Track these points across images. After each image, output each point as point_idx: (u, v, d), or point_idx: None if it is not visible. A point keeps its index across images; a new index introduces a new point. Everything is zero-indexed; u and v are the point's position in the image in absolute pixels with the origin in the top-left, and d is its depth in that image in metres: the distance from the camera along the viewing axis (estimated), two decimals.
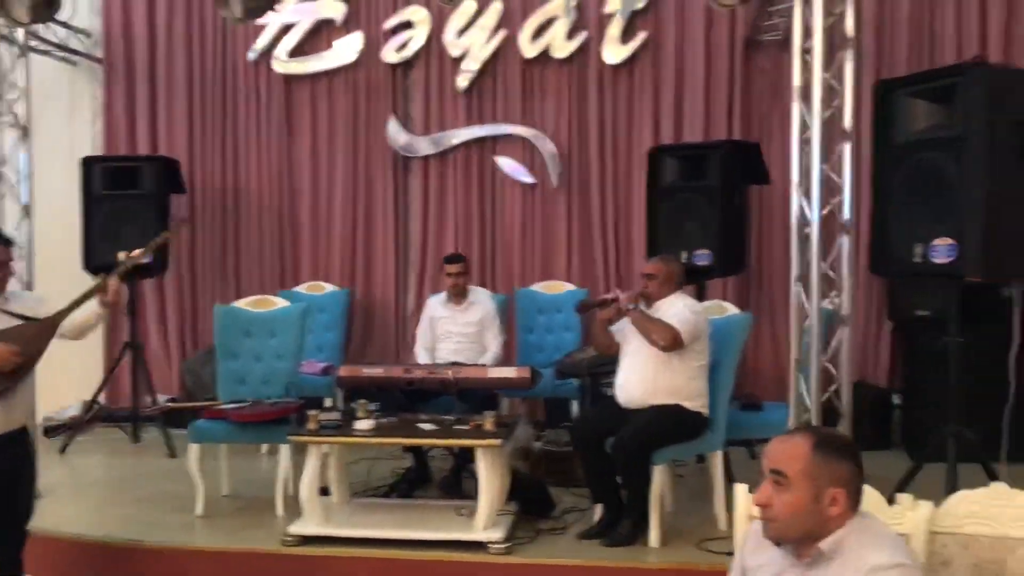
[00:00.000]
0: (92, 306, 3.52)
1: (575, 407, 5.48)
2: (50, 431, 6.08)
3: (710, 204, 5.26)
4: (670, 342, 3.93)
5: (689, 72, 6.09)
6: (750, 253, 5.83)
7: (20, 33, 5.33)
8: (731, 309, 4.54)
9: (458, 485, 4.67)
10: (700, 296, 5.36)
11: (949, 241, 3.58)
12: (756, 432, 4.73)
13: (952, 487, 3.52)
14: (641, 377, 4.05)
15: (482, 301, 5.44)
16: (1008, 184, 3.56)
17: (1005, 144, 3.53)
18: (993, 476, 3.68)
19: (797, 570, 1.94)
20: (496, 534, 3.87)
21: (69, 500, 4.83)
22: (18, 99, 5.36)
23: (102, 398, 6.20)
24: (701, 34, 6.05)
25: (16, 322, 3.37)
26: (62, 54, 6.47)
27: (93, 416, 6.15)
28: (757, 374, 6.02)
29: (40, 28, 5.90)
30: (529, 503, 4.32)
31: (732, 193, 5.30)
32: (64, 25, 6.20)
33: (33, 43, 5.80)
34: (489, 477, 3.90)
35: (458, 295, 5.35)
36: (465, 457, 4.57)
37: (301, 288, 6.34)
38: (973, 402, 4.05)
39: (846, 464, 1.88)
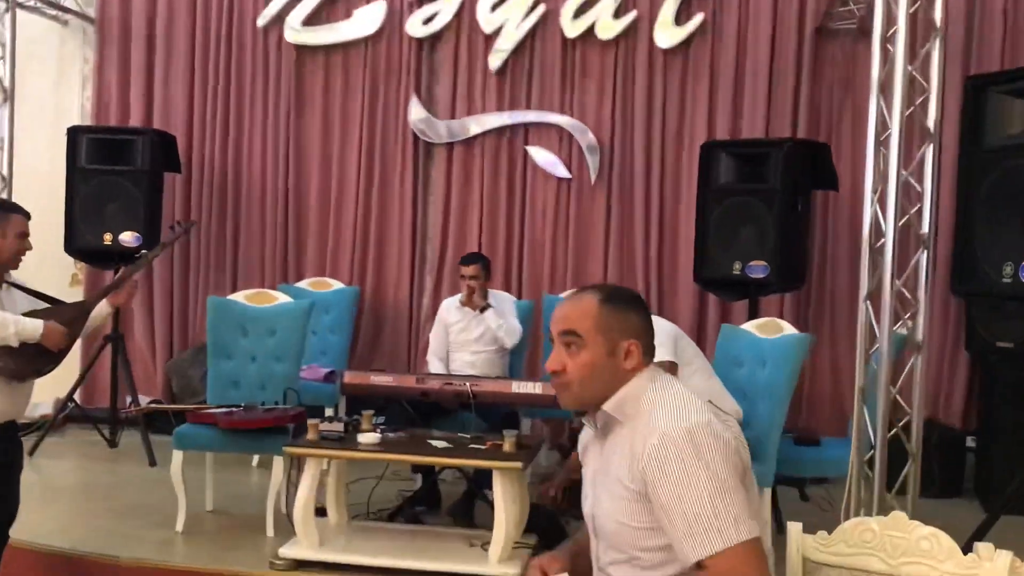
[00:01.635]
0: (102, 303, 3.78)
1: None
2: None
3: (769, 209, 5.25)
4: None
5: (750, 60, 6.05)
6: (811, 267, 5.80)
7: None
8: (788, 328, 4.50)
9: (470, 512, 4.65)
10: (753, 314, 5.33)
11: None
12: (811, 470, 4.70)
13: None
14: None
15: (502, 306, 5.42)
16: None
17: None
18: None
19: (597, 445, 2.04)
20: (512, 569, 3.83)
21: (37, 507, 4.82)
22: (1, 58, 5.41)
23: (77, 396, 6.22)
24: (766, 18, 6.01)
25: (42, 304, 3.59)
26: (52, 11, 6.52)
27: (66, 416, 6.19)
28: (813, 405, 5.97)
29: None
30: (548, 535, 4.29)
31: (795, 198, 5.27)
32: None
33: None
34: (507, 504, 3.87)
35: (474, 300, 5.32)
36: (480, 481, 4.56)
37: (304, 284, 6.35)
38: None
39: (636, 315, 2.01)
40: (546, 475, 4.90)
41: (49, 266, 6.43)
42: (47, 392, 6.32)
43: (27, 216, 3.66)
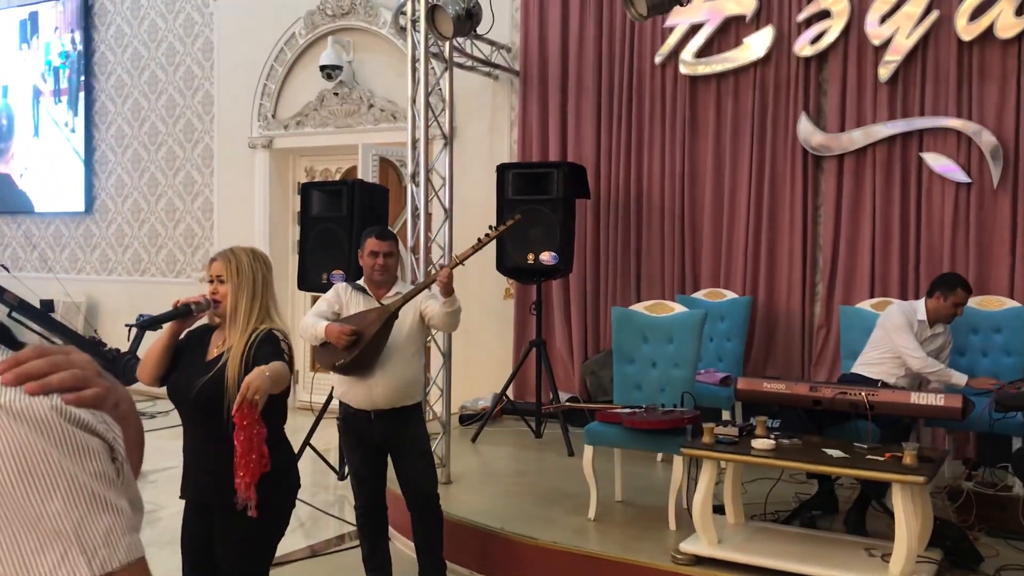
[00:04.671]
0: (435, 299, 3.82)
1: (1016, 445, 4.61)
2: (464, 420, 6.49)
3: None
4: None
5: None
6: None
7: (446, 48, 5.70)
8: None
9: (862, 520, 4.13)
10: None
11: None
12: None
13: None
14: None
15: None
16: None
17: None
18: None
19: None
20: None
21: (477, 488, 5.07)
22: (443, 110, 5.75)
23: (510, 392, 6.46)
24: None
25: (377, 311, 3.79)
26: (486, 68, 6.89)
27: (501, 409, 6.47)
28: None
29: (466, 44, 6.33)
30: (953, 552, 3.69)
31: None
32: (488, 41, 6.59)
33: (459, 59, 6.20)
34: (908, 518, 3.35)
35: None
36: (874, 490, 4.03)
37: (700, 294, 6.10)
38: None
39: None
40: (952, 488, 4.23)
41: (489, 282, 6.80)
42: (487, 388, 6.67)
43: (382, 238, 3.79)
